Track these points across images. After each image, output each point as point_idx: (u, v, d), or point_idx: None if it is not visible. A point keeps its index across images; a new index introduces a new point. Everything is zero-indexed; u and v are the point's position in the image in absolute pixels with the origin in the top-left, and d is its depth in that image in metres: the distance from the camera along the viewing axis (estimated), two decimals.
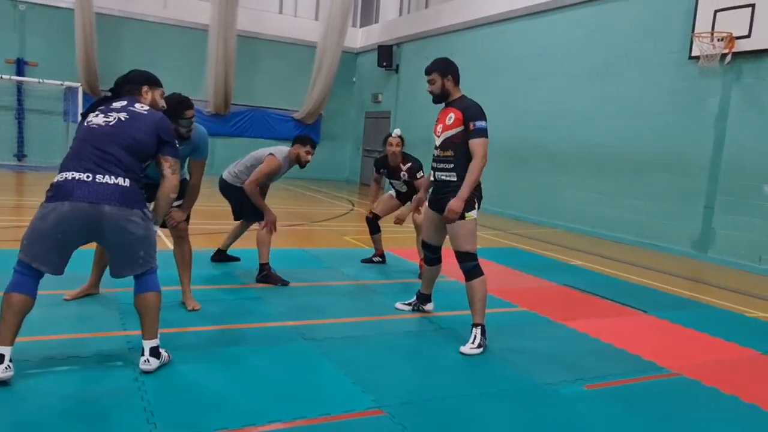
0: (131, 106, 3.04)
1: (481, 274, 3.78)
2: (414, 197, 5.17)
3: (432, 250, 4.16)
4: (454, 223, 3.72)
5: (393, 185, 6.05)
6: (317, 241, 7.47)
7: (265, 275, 4.95)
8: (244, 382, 2.99)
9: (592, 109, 9.72)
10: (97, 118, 2.96)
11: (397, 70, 15.62)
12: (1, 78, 12.95)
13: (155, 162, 3.08)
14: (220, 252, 5.59)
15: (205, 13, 14.92)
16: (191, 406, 2.68)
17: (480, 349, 3.66)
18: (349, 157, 17.92)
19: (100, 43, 13.75)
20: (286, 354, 3.43)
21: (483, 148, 3.68)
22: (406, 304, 4.53)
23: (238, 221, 5.45)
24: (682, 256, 8.09)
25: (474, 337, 3.70)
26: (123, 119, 2.95)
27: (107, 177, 2.79)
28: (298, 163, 5.15)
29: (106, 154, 2.83)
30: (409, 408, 2.83)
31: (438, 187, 3.89)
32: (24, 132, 13.89)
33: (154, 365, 2.97)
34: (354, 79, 17.73)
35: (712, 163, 7.94)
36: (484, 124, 3.70)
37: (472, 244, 3.77)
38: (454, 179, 3.76)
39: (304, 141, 5.13)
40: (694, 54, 8.00)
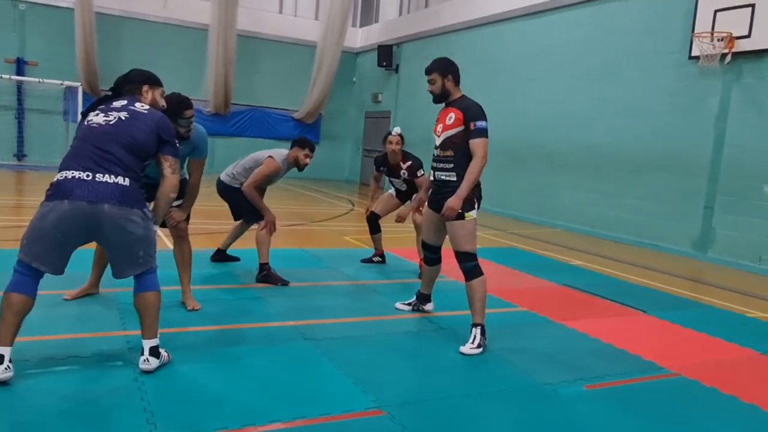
0: (131, 105, 3.04)
1: (481, 274, 3.78)
2: (415, 197, 5.16)
3: (432, 250, 4.16)
4: (452, 220, 3.72)
5: (393, 184, 6.05)
6: (317, 241, 7.48)
7: (265, 275, 4.96)
8: (244, 382, 2.99)
9: (590, 110, 9.72)
10: (98, 118, 2.96)
11: (397, 70, 15.62)
12: (1, 77, 12.96)
13: (155, 161, 3.08)
14: (220, 252, 5.59)
15: (205, 12, 14.93)
16: (191, 406, 2.68)
17: (480, 349, 3.67)
18: (349, 157, 17.92)
19: (100, 42, 13.75)
20: (286, 354, 3.43)
21: (483, 148, 3.68)
22: (405, 304, 4.53)
23: (238, 221, 5.45)
24: (682, 256, 8.10)
25: (474, 337, 3.70)
26: (123, 118, 2.95)
27: (107, 176, 2.79)
28: (297, 166, 5.13)
29: (106, 153, 2.83)
30: (409, 408, 2.83)
31: (438, 186, 3.89)
32: (24, 132, 13.89)
33: (153, 365, 2.97)
34: (354, 79, 17.72)
35: (712, 163, 7.95)
36: (484, 124, 3.70)
37: (471, 244, 3.77)
38: (453, 179, 3.76)
39: (304, 144, 5.11)
40: (693, 54, 8.00)
